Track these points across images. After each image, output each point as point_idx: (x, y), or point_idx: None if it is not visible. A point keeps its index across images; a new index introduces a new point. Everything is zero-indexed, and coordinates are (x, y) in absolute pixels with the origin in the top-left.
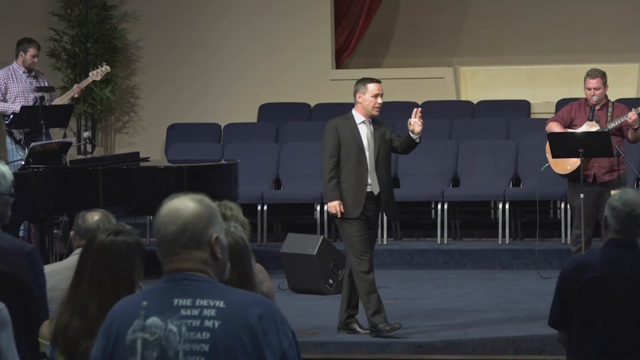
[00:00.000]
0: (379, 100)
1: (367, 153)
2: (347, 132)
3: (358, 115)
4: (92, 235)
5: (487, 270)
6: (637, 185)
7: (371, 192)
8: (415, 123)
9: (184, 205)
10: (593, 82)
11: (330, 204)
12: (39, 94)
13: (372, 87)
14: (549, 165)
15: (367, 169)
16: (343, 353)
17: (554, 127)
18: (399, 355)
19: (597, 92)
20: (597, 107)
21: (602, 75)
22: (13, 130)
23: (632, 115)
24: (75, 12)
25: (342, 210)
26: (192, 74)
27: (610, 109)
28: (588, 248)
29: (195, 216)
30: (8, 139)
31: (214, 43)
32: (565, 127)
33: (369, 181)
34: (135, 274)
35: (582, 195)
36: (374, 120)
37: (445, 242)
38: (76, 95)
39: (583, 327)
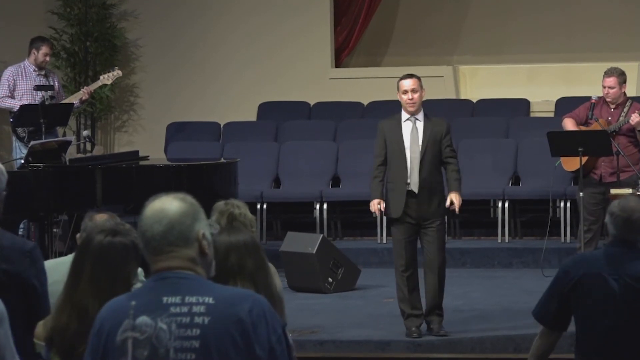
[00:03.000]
0: (409, 96)
1: (408, 151)
2: (391, 131)
3: (403, 114)
4: (88, 235)
5: (486, 268)
6: (637, 184)
7: (412, 191)
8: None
9: (168, 204)
10: (608, 81)
11: (370, 203)
12: (45, 93)
13: (400, 84)
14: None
15: (407, 167)
16: (343, 352)
17: (569, 124)
18: (399, 353)
19: (611, 91)
20: (612, 107)
21: (619, 74)
22: (17, 128)
23: (634, 118)
24: (75, 10)
25: (382, 209)
26: (191, 72)
27: (626, 109)
28: (593, 244)
29: (180, 214)
30: (13, 137)
31: (213, 42)
32: (581, 124)
33: (409, 180)
34: (131, 275)
35: (581, 194)
36: (428, 118)
37: (445, 240)
38: (84, 98)
39: (580, 322)
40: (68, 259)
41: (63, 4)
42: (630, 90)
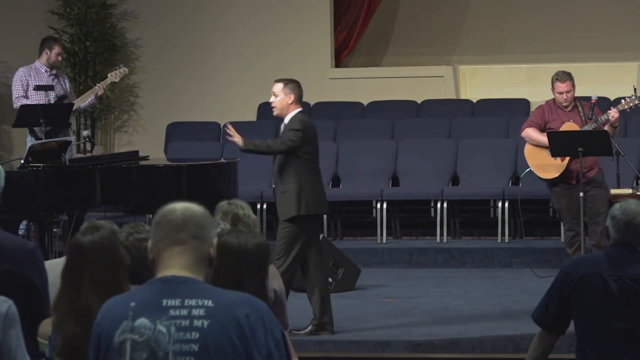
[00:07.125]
0: (271, 98)
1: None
2: None
3: None
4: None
5: (486, 268)
6: (637, 184)
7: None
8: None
9: (189, 204)
10: (563, 86)
11: None
12: (58, 93)
13: None
14: (530, 170)
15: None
16: (343, 352)
17: (533, 133)
18: (398, 353)
19: (568, 95)
20: (568, 109)
21: (571, 77)
22: (35, 128)
23: (614, 114)
24: (75, 10)
25: None
26: (191, 72)
27: (581, 109)
28: (582, 245)
29: (203, 213)
30: (29, 137)
31: (213, 42)
32: (541, 131)
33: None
34: (124, 258)
35: (581, 194)
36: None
37: (445, 240)
38: (100, 93)
39: (580, 323)
40: (61, 260)
41: (63, 4)
42: (630, 90)
